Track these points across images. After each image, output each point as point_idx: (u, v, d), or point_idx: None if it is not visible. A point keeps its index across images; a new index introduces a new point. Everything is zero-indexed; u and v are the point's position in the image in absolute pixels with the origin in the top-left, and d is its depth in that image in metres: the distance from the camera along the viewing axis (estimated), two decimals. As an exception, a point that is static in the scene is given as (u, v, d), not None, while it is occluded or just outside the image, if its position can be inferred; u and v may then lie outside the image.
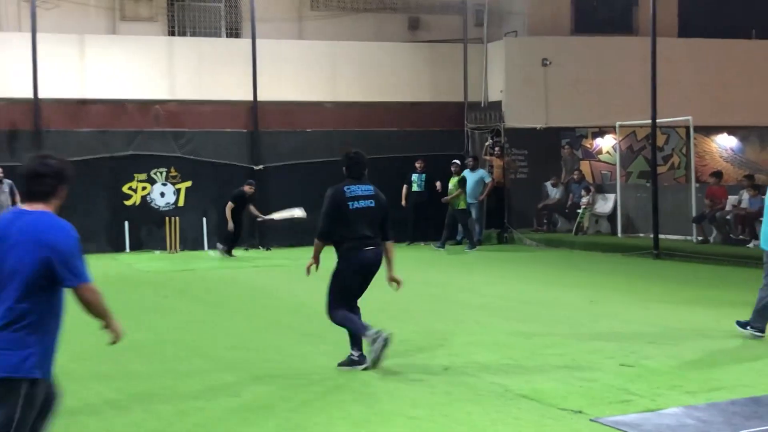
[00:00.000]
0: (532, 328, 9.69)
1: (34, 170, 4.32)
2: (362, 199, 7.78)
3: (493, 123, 20.93)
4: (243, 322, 10.47)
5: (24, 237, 4.21)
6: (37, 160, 4.37)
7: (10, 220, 4.33)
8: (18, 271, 4.19)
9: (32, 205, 4.32)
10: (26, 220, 4.27)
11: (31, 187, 4.33)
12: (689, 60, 21.50)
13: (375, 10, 21.85)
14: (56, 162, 4.39)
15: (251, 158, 19.86)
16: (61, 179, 4.37)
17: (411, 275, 14.75)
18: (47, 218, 4.28)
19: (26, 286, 4.21)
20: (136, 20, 20.41)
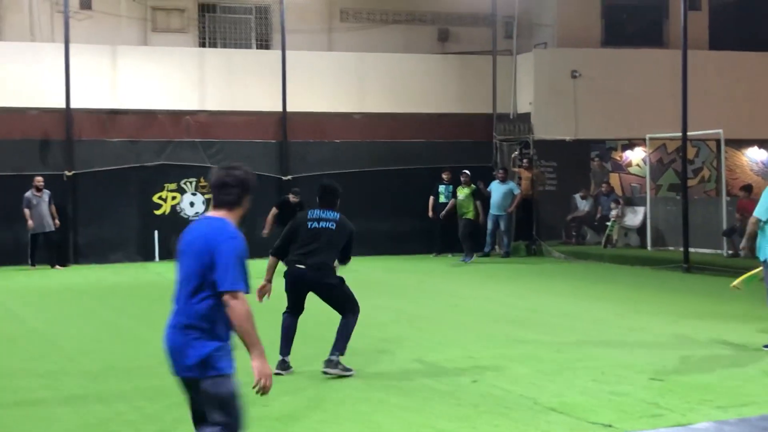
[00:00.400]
0: (561, 340, 9.65)
1: (221, 180, 4.54)
2: (323, 221, 8.14)
3: (521, 135, 20.89)
4: (273, 332, 10.48)
5: (198, 241, 4.44)
6: (224, 171, 4.60)
7: (196, 226, 4.59)
8: (191, 274, 4.40)
9: (216, 212, 4.55)
10: (203, 225, 4.53)
11: (217, 196, 4.55)
12: (720, 73, 21.36)
13: (404, 22, 21.91)
14: (241, 173, 4.59)
15: (280, 169, 19.96)
16: (245, 189, 4.57)
17: (438, 287, 14.81)
18: (218, 223, 4.47)
19: (199, 288, 4.39)
20: (167, 31, 20.60)
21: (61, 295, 14.14)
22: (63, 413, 6.89)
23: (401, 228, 20.25)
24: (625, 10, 22.77)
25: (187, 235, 4.56)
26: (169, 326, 4.50)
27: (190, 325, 4.40)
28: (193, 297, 4.40)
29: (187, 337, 4.39)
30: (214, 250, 4.35)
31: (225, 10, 21.07)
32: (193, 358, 4.37)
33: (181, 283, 4.48)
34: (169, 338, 4.49)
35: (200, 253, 4.38)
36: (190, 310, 4.40)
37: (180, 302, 4.47)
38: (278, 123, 20.00)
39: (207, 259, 4.35)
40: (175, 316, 4.49)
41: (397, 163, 20.09)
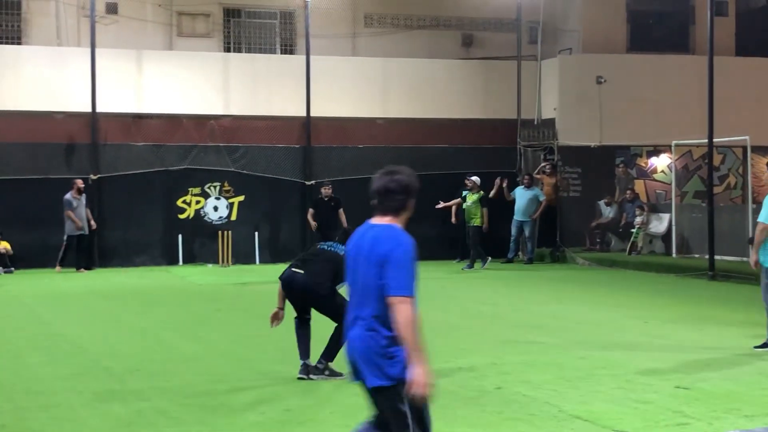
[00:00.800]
0: (585, 347, 9.57)
1: (385, 187, 4.51)
2: None
3: (546, 141, 20.81)
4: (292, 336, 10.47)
5: (368, 249, 4.43)
6: (387, 176, 4.54)
7: (362, 234, 4.56)
8: (370, 281, 4.39)
9: (382, 219, 4.52)
10: (372, 233, 4.49)
11: (383, 203, 4.52)
12: (746, 79, 21.18)
13: (429, 27, 21.90)
14: (404, 177, 4.54)
15: (304, 173, 19.99)
16: (409, 194, 4.54)
17: (461, 293, 14.77)
18: (388, 231, 4.46)
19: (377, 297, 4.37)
20: (192, 36, 20.71)
21: (86, 298, 14.21)
22: (86, 415, 6.92)
23: (424, 233, 19.98)
24: (650, 15, 22.67)
25: (357, 243, 4.54)
26: (354, 333, 4.46)
27: (378, 331, 4.37)
28: (378, 303, 4.37)
29: (377, 343, 4.38)
30: (388, 256, 4.34)
31: (250, 15, 21.16)
32: (387, 365, 4.36)
33: (362, 290, 4.45)
34: (357, 344, 4.45)
35: (375, 260, 4.37)
36: (379, 316, 4.37)
37: (363, 309, 4.43)
38: (302, 128, 20.04)
39: (381, 266, 4.36)
40: (360, 322, 4.44)
41: (420, 168, 19.81)
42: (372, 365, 4.37)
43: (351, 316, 4.50)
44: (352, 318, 4.49)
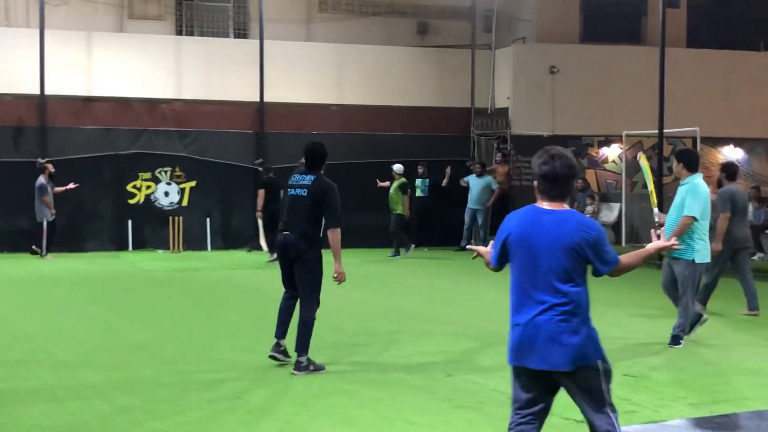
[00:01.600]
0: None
1: (556, 172, 4.51)
2: (297, 188, 8.00)
3: (499, 129, 20.90)
4: (245, 323, 10.44)
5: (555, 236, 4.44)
6: (556, 161, 4.51)
7: (534, 219, 4.53)
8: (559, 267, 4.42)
9: (554, 204, 4.53)
10: (555, 219, 4.48)
11: (553, 188, 4.53)
12: (697, 70, 21.43)
13: (384, 14, 21.84)
14: (571, 160, 4.59)
15: (257, 159, 19.82)
16: (576, 176, 4.78)
17: (413, 280, 14.78)
18: (579, 216, 4.56)
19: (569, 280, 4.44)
20: (144, 18, 20.42)
21: (35, 284, 13.98)
22: (30, 406, 6.78)
23: (377, 221, 20.15)
24: (604, 6, 22.79)
25: (532, 228, 4.50)
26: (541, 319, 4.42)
27: (575, 316, 4.42)
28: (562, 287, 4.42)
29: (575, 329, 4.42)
30: (592, 244, 4.44)
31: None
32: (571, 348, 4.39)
33: (545, 276, 4.43)
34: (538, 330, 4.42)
35: (570, 249, 4.42)
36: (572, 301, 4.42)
37: (546, 296, 4.43)
38: (255, 113, 19.89)
39: (581, 254, 4.43)
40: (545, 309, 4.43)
41: (374, 155, 19.99)
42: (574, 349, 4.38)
43: (527, 301, 4.46)
44: (529, 303, 4.45)
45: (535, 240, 4.46)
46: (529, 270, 4.47)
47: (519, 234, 4.53)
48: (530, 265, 4.47)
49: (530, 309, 4.44)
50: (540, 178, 4.54)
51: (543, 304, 4.41)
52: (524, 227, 4.52)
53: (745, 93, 21.83)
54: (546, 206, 4.53)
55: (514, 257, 4.56)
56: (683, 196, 8.86)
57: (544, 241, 4.43)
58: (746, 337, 9.71)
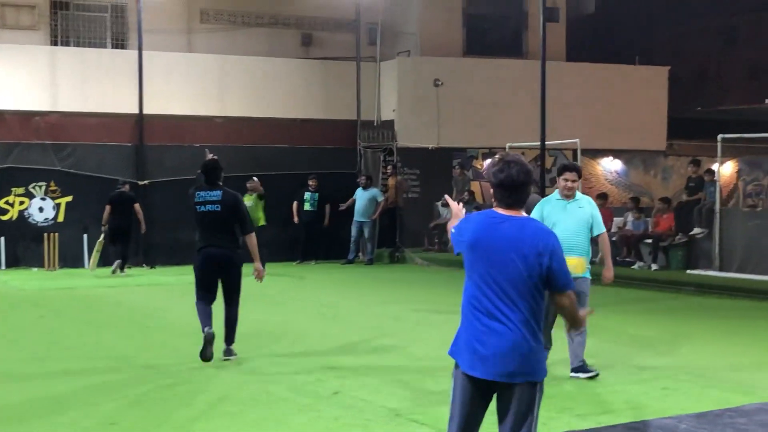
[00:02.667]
0: (423, 350, 9.53)
1: (519, 180, 4.33)
2: (208, 204, 8.71)
3: (385, 142, 20.87)
4: (122, 343, 10.00)
5: (522, 243, 4.27)
6: (514, 167, 4.33)
7: (492, 224, 4.34)
8: (521, 276, 4.26)
9: (510, 211, 4.35)
10: (519, 225, 4.31)
11: (514, 195, 4.35)
12: (577, 83, 21.92)
13: (267, 25, 21.57)
14: (527, 166, 4.41)
15: (136, 173, 19.21)
16: (531, 182, 4.46)
17: (301, 295, 14.52)
18: (537, 224, 4.39)
19: (533, 290, 4.28)
20: (17, 29, 19.60)
21: None
22: None
23: (263, 235, 19.75)
24: (486, 20, 23.12)
25: (491, 234, 4.31)
26: (501, 330, 4.25)
27: (530, 326, 4.27)
28: (527, 299, 4.26)
29: (527, 340, 4.25)
30: (549, 253, 4.25)
31: (79, 8, 20.23)
32: (529, 361, 4.25)
33: (508, 285, 4.26)
34: (503, 339, 4.24)
35: (529, 256, 4.24)
36: (527, 312, 4.26)
37: (511, 305, 4.26)
38: (134, 125, 19.30)
39: (539, 262, 4.24)
40: (508, 321, 4.25)
41: (259, 168, 19.61)
42: (526, 364, 4.24)
43: (486, 309, 4.29)
44: (488, 312, 4.28)
45: (491, 246, 4.31)
46: (484, 277, 4.32)
47: (473, 238, 4.37)
48: (485, 273, 4.31)
49: (484, 317, 4.31)
50: (497, 186, 4.37)
51: (499, 313, 4.28)
52: (480, 232, 4.35)
53: (623, 106, 22.44)
54: (505, 212, 4.36)
55: (469, 261, 4.39)
56: (590, 212, 8.13)
57: (501, 248, 4.29)
58: (633, 348, 9.82)
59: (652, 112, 22.92)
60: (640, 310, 12.72)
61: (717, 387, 7.79)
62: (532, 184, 4.48)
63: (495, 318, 4.28)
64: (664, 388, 7.72)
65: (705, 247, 16.23)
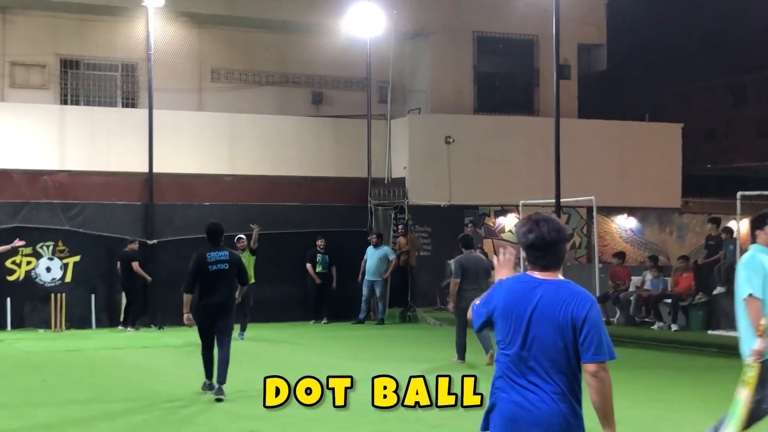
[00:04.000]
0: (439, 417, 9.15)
1: (545, 238, 4.03)
2: (219, 263, 9.98)
3: (396, 199, 20.64)
4: (127, 409, 9.64)
5: (557, 308, 3.97)
6: (545, 225, 4.04)
7: (526, 290, 4.03)
8: (556, 345, 3.95)
9: (545, 274, 4.06)
10: (555, 289, 4.01)
11: (548, 257, 4.05)
12: (589, 140, 21.72)
13: (278, 84, 21.52)
14: (561, 224, 4.13)
15: (145, 232, 19.00)
16: (566, 240, 4.16)
17: (310, 357, 14.12)
18: (574, 288, 4.03)
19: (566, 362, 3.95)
20: (26, 87, 19.59)
21: None
22: None
23: (273, 294, 19.53)
24: (496, 77, 23.06)
25: (523, 300, 4.01)
26: (534, 400, 3.93)
27: (567, 400, 3.92)
28: (563, 371, 3.93)
29: (563, 415, 3.91)
30: (583, 318, 3.92)
31: (89, 67, 20.22)
32: None
33: (542, 354, 3.94)
34: (538, 413, 3.92)
35: (564, 323, 3.94)
36: (563, 385, 3.93)
37: (543, 376, 3.94)
38: (144, 184, 19.13)
39: (574, 330, 3.93)
40: (541, 392, 3.93)
41: (269, 227, 19.34)
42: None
43: (518, 382, 3.97)
44: (521, 384, 3.96)
45: (523, 314, 4.01)
46: (515, 347, 4.01)
47: (505, 306, 4.06)
48: (517, 342, 4.01)
49: (517, 390, 3.99)
50: (528, 248, 4.07)
51: (533, 386, 3.96)
52: (511, 299, 4.05)
53: (636, 163, 22.22)
54: (537, 275, 4.07)
55: (500, 330, 4.08)
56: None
57: (534, 316, 3.99)
58: (659, 412, 9.42)
59: (666, 169, 22.66)
60: (664, 374, 12.31)
61: (752, 457, 7.38)
62: (566, 242, 4.13)
63: (529, 390, 3.96)
64: (697, 458, 7.32)
65: (725, 307, 15.81)
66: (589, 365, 3.90)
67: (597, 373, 3.90)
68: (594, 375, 3.90)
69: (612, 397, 3.96)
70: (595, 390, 3.92)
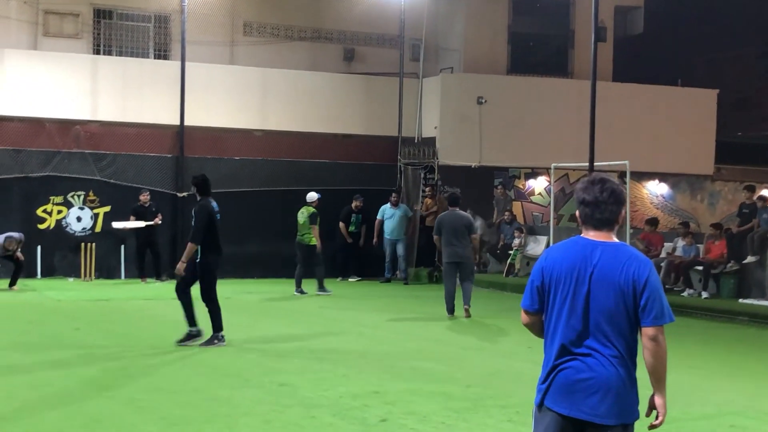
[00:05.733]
0: (470, 375, 9.15)
1: (600, 198, 3.99)
2: (218, 213, 10.43)
3: (426, 159, 20.52)
4: (157, 360, 9.70)
5: (605, 272, 3.93)
6: (600, 185, 4.01)
7: (581, 252, 3.99)
8: (613, 307, 3.91)
9: (599, 234, 4.02)
10: (605, 252, 3.95)
11: (602, 214, 4.01)
12: (623, 104, 21.42)
13: (310, 39, 21.35)
14: (617, 185, 4.06)
15: (175, 184, 19.04)
16: (622, 203, 4.08)
17: (339, 314, 14.17)
18: (631, 251, 4.00)
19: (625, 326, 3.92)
20: (59, 36, 19.54)
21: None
22: None
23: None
24: (531, 38, 22.76)
25: (578, 261, 3.96)
26: (592, 364, 3.90)
27: (625, 364, 3.90)
28: (623, 334, 3.90)
29: (621, 379, 3.88)
30: (644, 282, 3.87)
31: (122, 17, 20.13)
32: (624, 402, 3.88)
33: (602, 317, 3.90)
34: (597, 377, 3.88)
35: (624, 286, 3.88)
36: (622, 348, 3.90)
37: (600, 339, 3.90)
38: (175, 137, 19.12)
39: (632, 292, 3.88)
40: (599, 356, 3.90)
41: (298, 183, 19.36)
42: (620, 404, 3.87)
43: (576, 345, 3.93)
44: (579, 349, 3.92)
45: (582, 277, 3.94)
46: (574, 310, 3.95)
47: (562, 268, 3.98)
48: (576, 305, 3.95)
49: (575, 353, 3.94)
50: (581, 204, 4.04)
51: (591, 350, 3.92)
52: (568, 260, 3.98)
53: (669, 128, 21.92)
54: (592, 236, 4.01)
55: (555, 295, 4.01)
56: None
57: (593, 279, 3.93)
58: (693, 379, 9.36)
59: (699, 136, 22.35)
60: (695, 341, 12.22)
61: (787, 427, 7.34)
62: (621, 204, 4.03)
63: (587, 355, 3.91)
64: (732, 425, 7.27)
65: (757, 276, 15.70)
66: (649, 329, 3.86)
67: (656, 337, 3.86)
68: (653, 339, 3.86)
69: (667, 361, 3.91)
70: (652, 353, 3.87)
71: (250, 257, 19.00)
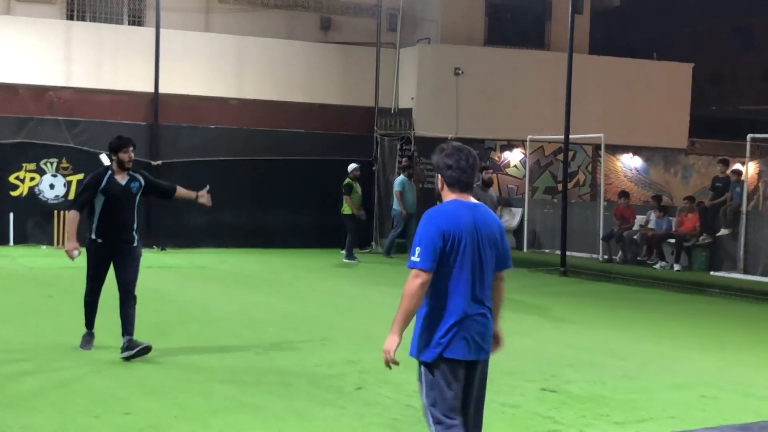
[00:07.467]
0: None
1: (471, 164, 4.42)
2: None
3: (403, 130, 20.50)
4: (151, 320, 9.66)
5: (493, 229, 4.44)
6: (466, 152, 4.43)
7: (468, 213, 4.38)
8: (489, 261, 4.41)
9: (464, 196, 4.44)
10: (480, 212, 4.43)
11: (470, 180, 4.44)
12: (598, 77, 21.46)
13: (286, 7, 21.17)
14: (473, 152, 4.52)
15: (150, 153, 18.90)
16: None
17: (315, 284, 14.21)
18: (487, 209, 4.54)
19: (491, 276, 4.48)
20: (32, 1, 19.24)
21: None
22: None
23: (273, 221, 19.56)
24: (508, 9, 22.70)
25: (472, 222, 4.38)
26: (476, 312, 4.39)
27: (489, 308, 4.47)
28: (486, 281, 4.43)
29: (489, 321, 4.46)
30: (502, 235, 4.51)
31: (96, -17, 19.85)
32: (490, 339, 4.50)
33: (483, 270, 4.39)
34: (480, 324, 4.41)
35: (496, 240, 4.44)
36: (487, 294, 4.45)
37: (478, 288, 4.39)
38: (149, 104, 18.97)
39: (499, 245, 4.46)
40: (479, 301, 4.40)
41: (275, 153, 19.31)
42: (488, 342, 4.49)
43: (471, 296, 4.36)
44: (474, 298, 4.37)
45: (479, 235, 4.38)
46: (472, 265, 4.36)
47: (462, 229, 4.35)
48: (472, 261, 4.36)
49: (476, 305, 4.40)
50: (453, 170, 4.40)
51: (485, 298, 4.43)
52: (465, 222, 4.36)
53: (644, 101, 22.01)
54: (465, 199, 4.43)
55: (457, 254, 4.34)
56: None
57: (485, 236, 4.40)
58: (664, 350, 9.49)
59: (674, 109, 22.48)
60: (666, 312, 12.37)
61: (756, 397, 7.46)
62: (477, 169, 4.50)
63: (483, 305, 4.40)
64: (702, 395, 7.38)
65: (729, 249, 15.89)
66: (502, 272, 4.53)
67: (503, 278, 4.55)
68: (503, 279, 4.55)
69: None
70: (500, 291, 4.56)
71: (224, 227, 18.97)
